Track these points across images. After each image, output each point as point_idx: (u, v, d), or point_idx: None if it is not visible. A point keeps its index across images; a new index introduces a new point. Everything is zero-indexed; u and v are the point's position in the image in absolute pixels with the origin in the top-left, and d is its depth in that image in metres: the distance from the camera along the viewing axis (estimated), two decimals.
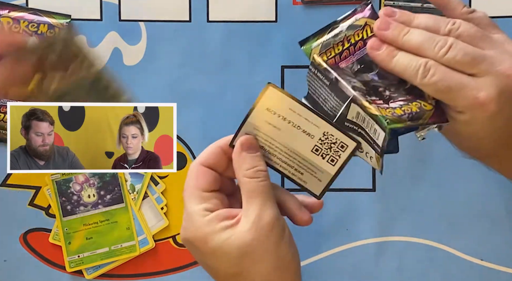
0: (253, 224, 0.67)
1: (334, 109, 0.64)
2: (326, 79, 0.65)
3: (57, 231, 0.86)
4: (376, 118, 0.61)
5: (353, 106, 0.63)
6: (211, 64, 0.87)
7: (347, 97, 0.63)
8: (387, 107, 0.62)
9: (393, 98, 0.63)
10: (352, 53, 0.65)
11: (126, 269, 0.87)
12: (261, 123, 0.69)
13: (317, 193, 0.70)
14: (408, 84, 0.64)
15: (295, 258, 0.69)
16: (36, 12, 0.86)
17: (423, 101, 0.63)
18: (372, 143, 0.63)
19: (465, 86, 0.62)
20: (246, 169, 0.69)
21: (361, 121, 0.63)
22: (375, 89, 0.64)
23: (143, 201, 0.86)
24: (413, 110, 0.62)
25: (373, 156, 0.64)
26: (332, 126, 0.67)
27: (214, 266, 0.69)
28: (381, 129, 0.61)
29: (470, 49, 0.63)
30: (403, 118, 0.62)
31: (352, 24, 0.66)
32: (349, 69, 0.65)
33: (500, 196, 0.87)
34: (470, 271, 0.87)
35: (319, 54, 0.66)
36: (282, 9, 0.87)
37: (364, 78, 0.65)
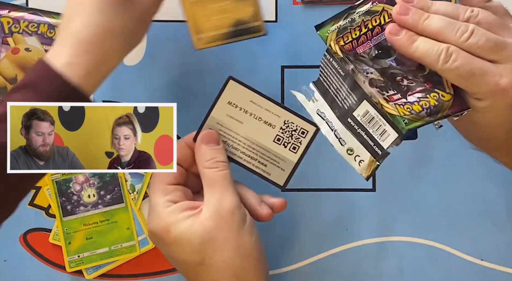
0: (213, 211, 0.69)
1: (344, 101, 0.64)
2: (341, 69, 0.64)
3: (57, 231, 0.86)
4: (393, 118, 0.61)
5: (364, 103, 0.63)
6: (211, 64, 0.87)
7: (362, 92, 0.63)
8: (405, 102, 0.62)
9: (411, 89, 0.62)
10: (369, 38, 0.65)
11: (126, 269, 0.87)
12: (224, 117, 0.70)
13: (281, 183, 0.71)
14: (427, 70, 0.63)
15: (257, 247, 0.70)
16: (36, 12, 0.86)
17: (441, 90, 0.62)
18: (371, 145, 0.63)
19: (487, 72, 0.62)
20: (205, 161, 0.71)
21: (366, 121, 0.63)
22: (392, 78, 0.63)
23: (143, 201, 0.86)
24: (432, 103, 0.62)
25: (366, 160, 0.63)
26: (292, 114, 0.68)
27: (178, 257, 0.70)
28: (393, 130, 0.61)
29: (492, 36, 0.63)
30: (421, 115, 0.61)
31: (369, 10, 0.65)
32: (367, 55, 0.64)
33: (500, 196, 0.87)
34: (470, 271, 0.87)
35: (336, 39, 0.65)
36: (282, 9, 0.87)
37: (381, 64, 0.64)
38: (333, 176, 0.87)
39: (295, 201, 0.86)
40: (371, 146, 0.62)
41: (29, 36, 0.85)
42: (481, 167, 0.87)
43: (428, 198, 0.87)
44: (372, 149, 0.62)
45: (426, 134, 0.86)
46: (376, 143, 0.62)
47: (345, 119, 0.64)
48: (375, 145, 0.62)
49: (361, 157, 0.63)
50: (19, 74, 0.85)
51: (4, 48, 0.85)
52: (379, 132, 0.62)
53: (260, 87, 0.87)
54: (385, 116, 0.61)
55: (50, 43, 0.85)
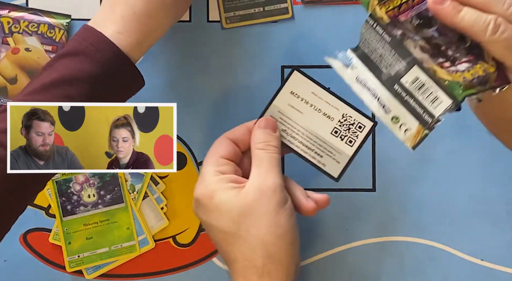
0: (256, 187, 0.72)
1: (390, 67, 0.62)
2: (387, 35, 0.63)
3: (57, 231, 0.86)
4: (448, 84, 0.59)
5: (414, 69, 0.61)
6: (211, 64, 0.87)
7: (412, 57, 0.61)
8: (455, 70, 0.60)
9: (458, 59, 0.61)
10: (410, 7, 0.63)
11: (126, 269, 0.87)
12: (285, 107, 0.72)
13: (335, 175, 0.73)
14: (468, 43, 0.62)
15: (293, 231, 0.72)
16: (36, 12, 0.86)
17: (485, 62, 0.61)
18: (420, 113, 0.60)
19: None
20: (257, 142, 0.74)
21: (415, 88, 0.61)
22: (438, 48, 0.62)
23: (143, 201, 0.86)
24: (480, 73, 0.60)
25: (413, 128, 0.61)
26: (351, 108, 0.68)
27: (215, 224, 0.72)
28: (447, 96, 0.59)
29: None
30: (474, 83, 0.60)
31: None
32: (409, 23, 0.63)
33: (500, 196, 0.87)
34: (470, 271, 0.87)
35: (378, 5, 0.64)
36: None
37: (424, 34, 0.63)
38: None
39: None
40: (420, 114, 0.60)
41: (29, 36, 0.85)
42: (481, 167, 0.87)
43: (428, 198, 0.87)
44: (421, 117, 0.60)
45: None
46: (426, 111, 0.60)
47: (391, 86, 0.61)
48: (425, 113, 0.60)
49: (408, 125, 0.61)
50: (19, 74, 0.85)
51: (4, 48, 0.85)
52: (430, 99, 0.60)
53: (260, 87, 0.87)
54: (438, 82, 0.59)
55: (50, 43, 0.85)
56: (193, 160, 0.87)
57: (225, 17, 0.86)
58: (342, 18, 0.87)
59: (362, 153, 0.78)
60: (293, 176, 0.77)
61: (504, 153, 0.85)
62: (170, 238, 0.87)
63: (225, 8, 0.87)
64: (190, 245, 0.87)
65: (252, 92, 0.87)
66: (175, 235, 0.87)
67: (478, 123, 0.76)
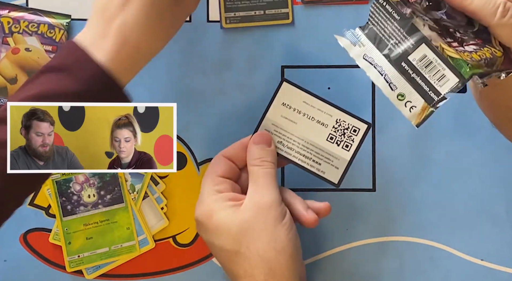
0: (253, 203, 0.72)
1: (398, 45, 0.62)
2: (396, 13, 0.63)
3: (57, 231, 0.86)
4: (456, 62, 0.59)
5: (422, 47, 0.61)
6: (211, 64, 0.87)
7: (421, 35, 0.61)
8: (463, 50, 0.60)
9: (465, 41, 0.61)
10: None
11: (126, 269, 0.87)
12: (278, 118, 0.72)
13: (336, 181, 0.73)
14: (476, 27, 0.62)
15: (293, 244, 0.72)
16: (36, 12, 0.86)
17: (492, 47, 0.61)
18: (426, 91, 0.60)
19: None
20: (253, 159, 0.75)
21: (422, 66, 0.61)
22: (446, 29, 0.62)
23: (143, 201, 0.86)
24: (487, 56, 0.60)
25: (418, 106, 0.61)
26: (344, 113, 0.69)
27: (217, 243, 0.73)
28: (453, 74, 0.59)
29: None
30: (481, 64, 0.60)
31: None
32: (418, 5, 0.63)
33: (500, 196, 0.87)
34: (470, 271, 0.87)
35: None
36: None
37: (433, 15, 0.63)
38: None
39: None
40: (426, 91, 0.60)
41: (29, 36, 0.85)
42: (481, 167, 0.87)
43: (428, 198, 0.87)
44: (427, 94, 0.60)
45: (426, 134, 0.86)
46: (432, 88, 0.60)
47: (399, 63, 0.61)
48: (431, 91, 0.60)
49: (413, 103, 0.61)
50: (19, 74, 0.85)
51: (4, 48, 0.85)
52: (436, 77, 0.60)
53: (260, 87, 0.87)
54: (445, 60, 0.59)
55: (50, 43, 0.85)
56: (193, 160, 0.87)
57: (225, 17, 0.86)
58: (342, 18, 0.87)
59: (362, 153, 0.78)
60: (293, 177, 0.77)
61: (504, 153, 0.85)
62: (170, 238, 0.87)
63: (226, 8, 0.87)
64: (190, 245, 0.87)
65: (252, 92, 0.87)
66: (175, 235, 0.87)
67: (478, 123, 0.76)
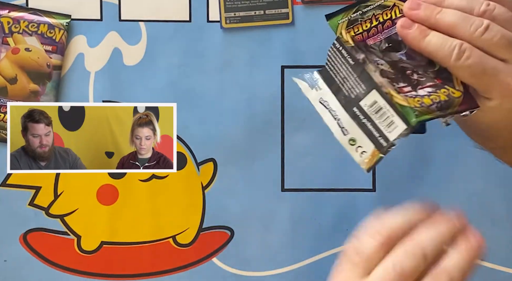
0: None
1: (351, 90, 0.63)
2: (351, 58, 0.63)
3: None
4: (404, 109, 0.59)
5: (373, 93, 0.61)
6: (211, 64, 0.87)
7: (372, 81, 0.61)
8: (415, 95, 0.60)
9: (421, 83, 0.61)
10: (380, 31, 0.64)
11: (126, 269, 0.87)
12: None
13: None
14: (437, 67, 0.62)
15: None
16: (36, 12, 0.86)
17: (451, 87, 0.61)
18: (376, 136, 0.61)
19: (500, 72, 0.60)
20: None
21: (373, 112, 0.61)
22: (402, 72, 0.62)
23: None
24: (442, 99, 0.60)
25: (368, 151, 0.62)
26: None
27: None
28: (402, 121, 0.59)
29: (507, 33, 0.61)
30: (432, 109, 0.60)
31: (381, 4, 0.64)
32: (377, 47, 0.64)
33: (500, 196, 0.87)
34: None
35: (346, 29, 0.64)
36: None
37: (392, 57, 0.63)
38: (333, 176, 0.87)
39: (295, 201, 0.86)
40: (375, 137, 0.61)
41: (29, 36, 0.85)
42: (481, 167, 0.87)
43: (428, 198, 0.87)
44: (377, 140, 0.60)
45: (426, 134, 0.86)
46: (382, 134, 0.61)
47: (351, 108, 0.62)
48: (381, 136, 0.61)
49: (364, 148, 0.61)
50: (19, 74, 0.85)
51: (4, 48, 0.85)
52: (386, 123, 0.60)
53: (260, 87, 0.87)
54: (394, 107, 0.60)
55: (50, 43, 0.85)
56: (193, 160, 0.87)
57: (225, 16, 0.86)
58: None
59: None
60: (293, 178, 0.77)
61: None
62: (170, 238, 0.87)
63: (226, 8, 0.87)
64: (190, 245, 0.87)
65: (252, 92, 0.87)
66: (175, 235, 0.87)
67: None
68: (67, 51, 0.85)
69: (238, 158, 0.87)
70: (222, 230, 0.88)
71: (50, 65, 0.84)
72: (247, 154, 0.87)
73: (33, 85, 0.82)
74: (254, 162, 0.87)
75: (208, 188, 0.87)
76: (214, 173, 0.87)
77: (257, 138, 0.87)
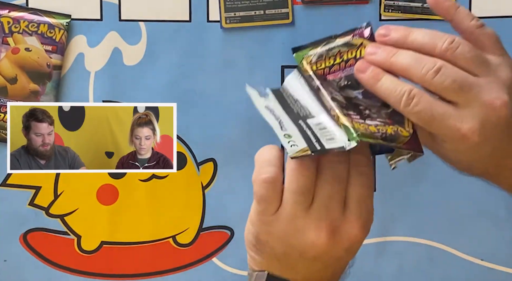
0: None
1: (300, 109, 0.63)
2: (307, 85, 0.64)
3: None
4: (347, 129, 0.60)
5: (322, 116, 0.62)
6: (211, 64, 0.87)
7: (322, 106, 0.62)
8: (362, 122, 0.61)
9: (372, 118, 0.62)
10: (341, 68, 0.65)
11: (126, 269, 0.87)
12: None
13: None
14: (391, 108, 0.63)
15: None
16: (36, 12, 0.86)
17: (402, 127, 0.62)
18: (313, 141, 0.61)
19: (448, 117, 0.60)
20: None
21: (317, 128, 0.62)
22: (355, 106, 0.63)
23: None
24: (388, 132, 0.61)
25: (299, 146, 0.62)
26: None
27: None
28: (343, 138, 0.60)
29: (459, 76, 0.60)
30: (376, 136, 0.61)
31: (348, 42, 0.65)
32: (335, 83, 0.65)
33: (500, 196, 0.87)
34: (470, 271, 0.87)
35: (310, 63, 0.65)
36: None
37: (348, 94, 0.64)
38: None
39: None
40: (312, 142, 0.61)
41: (29, 36, 0.85)
42: None
43: (428, 198, 0.87)
44: (312, 143, 0.61)
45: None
46: (319, 142, 0.61)
47: (296, 121, 0.63)
48: (317, 142, 0.61)
49: (296, 144, 0.62)
50: (19, 74, 0.85)
51: (4, 48, 0.85)
52: (327, 138, 0.61)
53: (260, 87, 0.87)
54: (338, 127, 0.61)
55: (50, 43, 0.85)
56: (193, 160, 0.87)
57: (225, 16, 0.87)
58: (342, 18, 0.87)
59: None
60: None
61: None
62: (170, 238, 0.87)
63: (226, 8, 0.87)
64: (190, 245, 0.87)
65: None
66: (175, 235, 0.87)
67: None
68: (67, 51, 0.85)
69: (238, 158, 0.87)
70: (222, 230, 0.88)
71: (50, 65, 0.84)
72: (247, 154, 0.87)
73: (33, 85, 0.82)
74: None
75: (208, 188, 0.87)
76: (214, 173, 0.87)
77: (257, 138, 0.87)
